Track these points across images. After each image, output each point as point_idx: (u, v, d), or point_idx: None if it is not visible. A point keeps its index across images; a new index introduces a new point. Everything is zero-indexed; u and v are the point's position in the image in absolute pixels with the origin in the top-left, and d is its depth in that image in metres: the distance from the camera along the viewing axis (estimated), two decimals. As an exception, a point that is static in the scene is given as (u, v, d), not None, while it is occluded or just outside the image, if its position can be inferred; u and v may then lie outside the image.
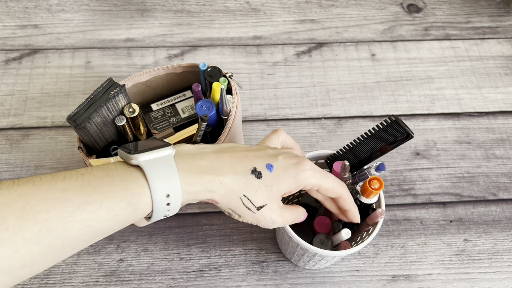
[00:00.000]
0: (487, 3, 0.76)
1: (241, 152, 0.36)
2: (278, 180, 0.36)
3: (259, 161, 0.36)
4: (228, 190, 0.34)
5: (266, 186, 0.35)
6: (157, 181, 0.31)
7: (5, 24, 0.70)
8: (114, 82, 0.48)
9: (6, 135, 0.61)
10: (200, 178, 0.33)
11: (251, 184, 0.35)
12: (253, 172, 0.35)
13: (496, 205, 0.58)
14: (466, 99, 0.66)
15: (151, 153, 0.32)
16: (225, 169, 0.34)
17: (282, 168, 0.36)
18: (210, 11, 0.73)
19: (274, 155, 0.37)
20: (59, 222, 0.28)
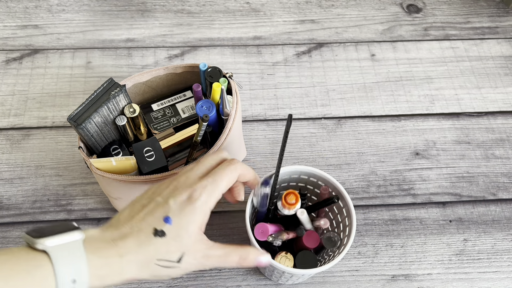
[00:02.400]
0: (487, 3, 0.76)
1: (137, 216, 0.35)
2: (181, 226, 0.35)
3: (156, 220, 0.35)
4: (139, 264, 0.33)
5: (174, 238, 0.34)
6: (63, 267, 0.30)
7: (6, 24, 0.70)
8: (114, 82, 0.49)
9: (6, 135, 0.61)
10: (107, 262, 0.32)
11: (159, 246, 0.34)
12: (156, 234, 0.34)
13: (496, 205, 0.58)
14: (465, 99, 0.66)
15: (58, 237, 0.31)
16: (129, 245, 0.33)
17: (178, 213, 0.35)
18: (210, 12, 0.73)
19: (164, 202, 0.36)
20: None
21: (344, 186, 0.59)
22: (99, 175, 0.46)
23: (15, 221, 0.55)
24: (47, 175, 0.58)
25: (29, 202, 0.56)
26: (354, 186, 0.59)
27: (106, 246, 0.33)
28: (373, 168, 0.60)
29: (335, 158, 0.61)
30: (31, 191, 0.57)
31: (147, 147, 0.48)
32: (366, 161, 0.61)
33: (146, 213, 0.35)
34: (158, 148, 0.48)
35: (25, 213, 0.55)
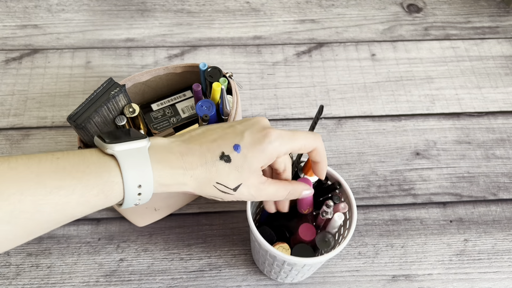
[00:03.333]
0: (487, 3, 0.76)
1: (209, 137, 0.36)
2: (247, 159, 0.36)
3: (226, 144, 0.36)
4: (200, 181, 0.35)
5: (237, 168, 0.35)
6: (130, 172, 0.31)
7: (5, 24, 0.70)
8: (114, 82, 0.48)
9: (6, 135, 0.61)
10: (172, 172, 0.34)
11: (221, 170, 0.35)
12: (222, 157, 0.35)
13: (496, 205, 0.58)
14: (466, 99, 0.66)
15: (126, 144, 0.32)
16: (194, 161, 0.34)
17: (249, 146, 0.36)
18: (210, 11, 0.73)
19: (241, 132, 0.37)
20: (31, 205, 0.28)
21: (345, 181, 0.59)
22: (98, 175, 0.46)
23: (15, 221, 0.55)
24: (46, 175, 0.58)
25: (29, 202, 0.56)
26: (355, 186, 0.59)
27: (172, 158, 0.34)
28: (374, 168, 0.60)
29: (335, 158, 0.61)
30: (30, 191, 0.57)
31: (147, 147, 0.48)
32: (367, 161, 0.61)
33: (220, 135, 0.36)
34: (158, 148, 0.48)
35: (25, 213, 0.55)
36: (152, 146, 0.34)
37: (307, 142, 0.38)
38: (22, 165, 0.29)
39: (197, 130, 0.37)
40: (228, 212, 0.57)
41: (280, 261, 0.44)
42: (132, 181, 0.32)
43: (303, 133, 0.38)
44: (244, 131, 0.37)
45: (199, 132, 0.37)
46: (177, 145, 0.35)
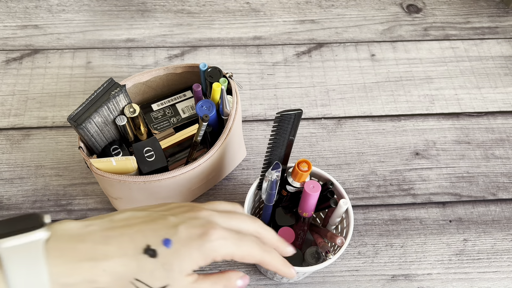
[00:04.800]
0: (487, 4, 0.77)
1: (135, 226, 0.30)
2: (178, 256, 0.30)
3: (154, 236, 0.30)
4: (115, 277, 0.29)
5: (164, 265, 0.29)
6: (16, 275, 0.26)
7: (6, 24, 0.70)
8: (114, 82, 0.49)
9: (6, 135, 0.61)
10: (77, 267, 0.28)
11: (143, 265, 0.29)
12: (146, 251, 0.29)
13: (496, 205, 0.58)
14: (465, 99, 0.66)
15: (14, 239, 0.27)
16: (110, 252, 0.29)
17: (183, 241, 0.30)
18: (210, 12, 0.73)
19: (174, 225, 0.31)
20: None
21: (344, 186, 0.59)
22: (99, 175, 0.46)
23: (15, 221, 0.55)
24: (47, 175, 0.58)
25: (29, 202, 0.56)
26: (354, 186, 0.59)
27: (80, 248, 0.29)
28: (373, 168, 0.60)
29: (335, 158, 0.61)
30: (31, 191, 0.57)
31: (147, 147, 0.48)
32: (366, 161, 0.61)
33: (146, 222, 0.31)
34: (158, 148, 0.48)
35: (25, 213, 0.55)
36: (56, 235, 0.29)
37: (252, 251, 0.32)
38: None
39: (121, 214, 0.32)
40: (228, 212, 0.57)
41: None
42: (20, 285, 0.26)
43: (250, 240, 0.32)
44: (179, 224, 0.31)
45: (122, 217, 0.31)
46: (91, 232, 0.29)
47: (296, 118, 0.41)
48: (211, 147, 0.48)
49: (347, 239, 0.44)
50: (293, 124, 0.42)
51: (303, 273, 0.46)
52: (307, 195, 0.43)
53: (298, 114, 0.41)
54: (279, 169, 0.42)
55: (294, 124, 0.42)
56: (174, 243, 0.30)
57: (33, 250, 0.27)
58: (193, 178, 0.49)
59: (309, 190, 0.43)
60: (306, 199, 0.44)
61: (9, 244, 0.27)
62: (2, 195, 0.56)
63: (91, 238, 0.29)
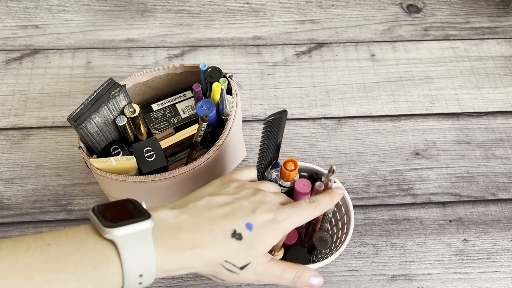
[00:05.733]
0: (487, 4, 0.77)
1: (217, 212, 0.35)
2: (259, 237, 0.35)
3: (238, 222, 0.35)
4: (207, 260, 0.33)
5: (247, 246, 0.34)
6: (131, 261, 0.29)
7: (6, 24, 0.70)
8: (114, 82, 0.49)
9: (6, 135, 0.61)
10: (179, 255, 0.32)
11: (231, 248, 0.34)
12: (233, 235, 0.34)
13: (496, 205, 0.58)
14: (465, 99, 0.66)
15: (127, 228, 0.29)
16: (204, 240, 0.33)
17: (261, 225, 0.35)
18: (210, 12, 0.73)
19: (252, 210, 0.36)
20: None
21: (344, 186, 0.59)
22: (99, 175, 0.46)
23: (15, 221, 0.55)
24: (47, 175, 0.58)
25: (29, 202, 0.56)
26: (354, 186, 0.59)
27: (180, 238, 0.32)
28: (373, 168, 0.60)
29: (335, 158, 0.61)
30: (31, 191, 0.57)
31: (147, 147, 0.48)
32: (366, 161, 0.61)
33: (230, 212, 0.35)
34: (158, 148, 0.48)
35: (25, 213, 0.55)
36: (156, 224, 0.32)
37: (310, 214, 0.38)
38: (8, 255, 0.27)
39: (201, 201, 0.36)
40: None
41: None
42: (133, 271, 0.29)
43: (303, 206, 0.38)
44: (255, 209, 0.36)
45: (203, 203, 0.36)
46: (184, 220, 0.33)
47: (282, 119, 0.41)
48: (211, 147, 0.48)
49: (349, 232, 0.44)
50: (280, 126, 0.42)
51: None
52: (299, 194, 0.43)
53: (284, 115, 0.41)
54: (278, 168, 0.42)
55: (282, 126, 0.42)
56: (254, 226, 0.35)
57: (144, 240, 0.30)
58: (193, 178, 0.49)
59: (300, 189, 0.43)
60: (299, 198, 0.44)
61: (123, 232, 0.29)
62: (2, 195, 0.56)
63: (186, 227, 0.33)
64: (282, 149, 0.61)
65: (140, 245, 0.30)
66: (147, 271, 0.30)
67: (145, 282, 0.30)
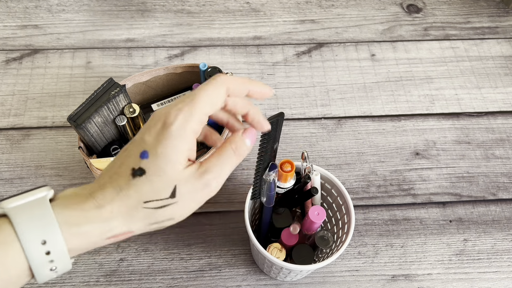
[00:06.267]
0: (487, 4, 0.76)
1: (115, 163, 0.30)
2: (162, 157, 0.28)
3: (131, 159, 0.29)
4: (124, 212, 0.28)
5: (156, 173, 0.28)
6: (25, 226, 0.26)
7: (6, 24, 0.70)
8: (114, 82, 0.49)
9: (6, 135, 0.61)
10: (85, 215, 0.27)
11: (141, 186, 0.28)
12: (134, 174, 0.29)
13: (496, 205, 0.58)
14: (465, 99, 0.66)
15: (19, 198, 0.27)
16: (107, 194, 0.28)
17: (154, 143, 0.29)
18: (210, 12, 0.73)
19: (140, 139, 0.30)
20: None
21: (344, 186, 0.59)
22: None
23: (15, 221, 0.55)
24: (47, 175, 0.58)
25: (29, 202, 0.56)
26: (354, 186, 0.59)
27: (81, 200, 0.28)
28: (373, 168, 0.60)
29: (335, 158, 0.61)
30: (31, 191, 0.57)
31: (147, 147, 0.48)
32: (366, 161, 0.61)
33: (123, 156, 0.30)
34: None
35: (25, 213, 0.55)
36: (56, 196, 0.29)
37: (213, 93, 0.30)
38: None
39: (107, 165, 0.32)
40: (228, 212, 0.57)
41: (278, 266, 0.44)
42: (31, 235, 0.26)
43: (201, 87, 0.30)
44: (143, 135, 0.30)
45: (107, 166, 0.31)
46: (84, 187, 0.30)
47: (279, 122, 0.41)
48: (211, 148, 0.48)
49: (350, 231, 0.44)
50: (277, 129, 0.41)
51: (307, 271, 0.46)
52: (312, 223, 0.43)
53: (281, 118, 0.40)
54: (276, 170, 0.42)
55: (279, 128, 0.42)
56: (149, 150, 0.29)
57: (39, 205, 0.27)
58: (193, 178, 0.49)
59: (314, 218, 0.43)
60: (311, 225, 0.44)
61: (15, 203, 0.26)
62: (2, 195, 0.56)
63: (86, 191, 0.29)
64: (283, 149, 0.61)
65: (34, 210, 0.26)
66: (50, 234, 0.26)
67: (55, 253, 0.26)
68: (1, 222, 0.26)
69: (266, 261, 0.45)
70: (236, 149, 0.31)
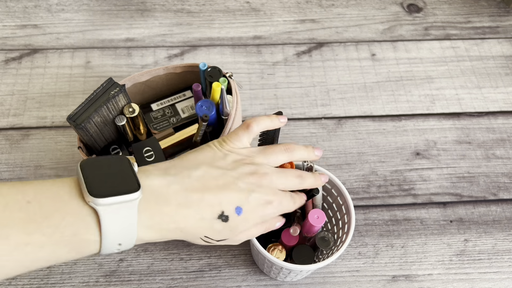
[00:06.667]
0: (487, 3, 0.76)
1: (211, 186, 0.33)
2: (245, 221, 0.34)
3: (228, 203, 0.33)
4: (188, 234, 0.33)
5: (231, 228, 0.34)
6: (111, 231, 0.28)
7: (5, 24, 0.70)
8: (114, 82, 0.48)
9: (6, 135, 0.61)
10: (160, 229, 0.31)
11: (215, 227, 0.33)
12: (220, 217, 0.33)
13: (496, 205, 0.58)
14: (466, 99, 0.66)
15: (112, 198, 0.28)
16: (190, 216, 0.32)
17: (252, 209, 0.34)
18: (210, 11, 0.73)
19: (246, 194, 0.34)
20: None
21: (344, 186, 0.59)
22: (98, 175, 0.46)
23: (14, 221, 0.55)
24: (46, 175, 0.58)
25: (28, 202, 0.56)
26: (355, 186, 0.59)
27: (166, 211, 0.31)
28: (374, 168, 0.60)
29: (335, 158, 0.61)
30: (30, 191, 0.57)
31: (147, 147, 0.48)
32: (367, 161, 0.60)
33: (223, 188, 0.33)
34: (158, 148, 0.48)
35: (24, 213, 0.55)
36: (145, 193, 0.30)
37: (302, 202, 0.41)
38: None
39: (197, 171, 0.34)
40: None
41: (278, 266, 0.44)
42: (112, 240, 0.29)
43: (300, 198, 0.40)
44: (250, 193, 0.34)
45: (199, 174, 0.33)
46: (174, 192, 0.32)
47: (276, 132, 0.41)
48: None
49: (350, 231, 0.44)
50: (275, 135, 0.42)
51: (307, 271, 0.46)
52: (312, 227, 0.43)
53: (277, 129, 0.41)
54: None
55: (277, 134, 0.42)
56: (244, 212, 0.34)
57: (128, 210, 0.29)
58: (193, 178, 0.49)
59: (313, 222, 0.43)
60: (311, 228, 0.44)
61: (106, 202, 0.28)
62: (1, 195, 0.56)
63: (174, 200, 0.32)
64: (282, 149, 0.61)
65: (122, 216, 0.29)
66: (126, 241, 0.29)
67: (123, 249, 0.30)
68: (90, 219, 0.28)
69: (266, 261, 0.45)
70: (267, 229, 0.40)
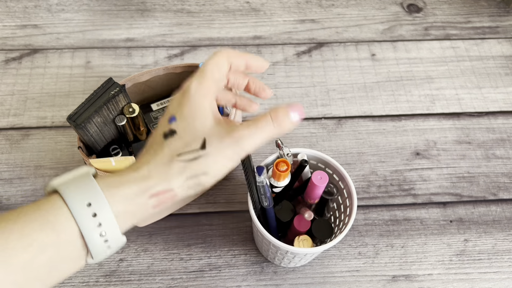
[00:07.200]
0: (487, 3, 0.76)
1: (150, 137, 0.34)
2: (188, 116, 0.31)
3: (162, 127, 0.32)
4: (161, 169, 0.30)
5: (185, 129, 0.31)
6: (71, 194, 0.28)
7: (5, 24, 0.70)
8: (114, 82, 0.48)
9: (6, 135, 0.61)
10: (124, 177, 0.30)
11: (173, 144, 0.31)
12: (166, 136, 0.31)
13: (496, 205, 0.58)
14: (466, 99, 0.66)
15: (65, 175, 0.29)
16: (143, 158, 0.31)
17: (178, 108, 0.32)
18: (210, 11, 0.73)
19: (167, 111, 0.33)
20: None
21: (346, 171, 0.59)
22: (98, 175, 0.46)
23: (14, 221, 0.55)
24: (46, 175, 0.58)
25: (29, 202, 0.56)
26: (355, 186, 0.59)
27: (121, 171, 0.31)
28: (374, 168, 0.60)
29: (336, 158, 0.61)
30: (30, 191, 0.57)
31: (147, 147, 0.48)
32: (367, 161, 0.60)
33: (155, 130, 0.33)
34: (158, 148, 0.48)
35: (25, 213, 0.55)
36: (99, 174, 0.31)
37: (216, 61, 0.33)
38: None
39: None
40: (228, 212, 0.57)
41: (283, 250, 0.44)
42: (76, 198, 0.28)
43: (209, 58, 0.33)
44: (168, 108, 0.33)
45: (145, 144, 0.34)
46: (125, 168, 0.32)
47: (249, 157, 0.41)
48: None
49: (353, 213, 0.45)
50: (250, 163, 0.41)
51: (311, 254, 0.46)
52: (315, 186, 0.43)
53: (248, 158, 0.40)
54: (263, 170, 0.41)
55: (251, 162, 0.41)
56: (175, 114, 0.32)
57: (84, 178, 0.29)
58: (193, 178, 0.49)
59: (317, 182, 0.43)
60: (314, 189, 0.44)
61: (62, 180, 0.29)
62: (1, 195, 0.56)
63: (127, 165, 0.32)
64: (282, 149, 0.61)
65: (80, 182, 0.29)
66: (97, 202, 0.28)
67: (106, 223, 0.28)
68: (51, 196, 0.28)
69: (271, 247, 0.45)
70: (276, 118, 0.32)
